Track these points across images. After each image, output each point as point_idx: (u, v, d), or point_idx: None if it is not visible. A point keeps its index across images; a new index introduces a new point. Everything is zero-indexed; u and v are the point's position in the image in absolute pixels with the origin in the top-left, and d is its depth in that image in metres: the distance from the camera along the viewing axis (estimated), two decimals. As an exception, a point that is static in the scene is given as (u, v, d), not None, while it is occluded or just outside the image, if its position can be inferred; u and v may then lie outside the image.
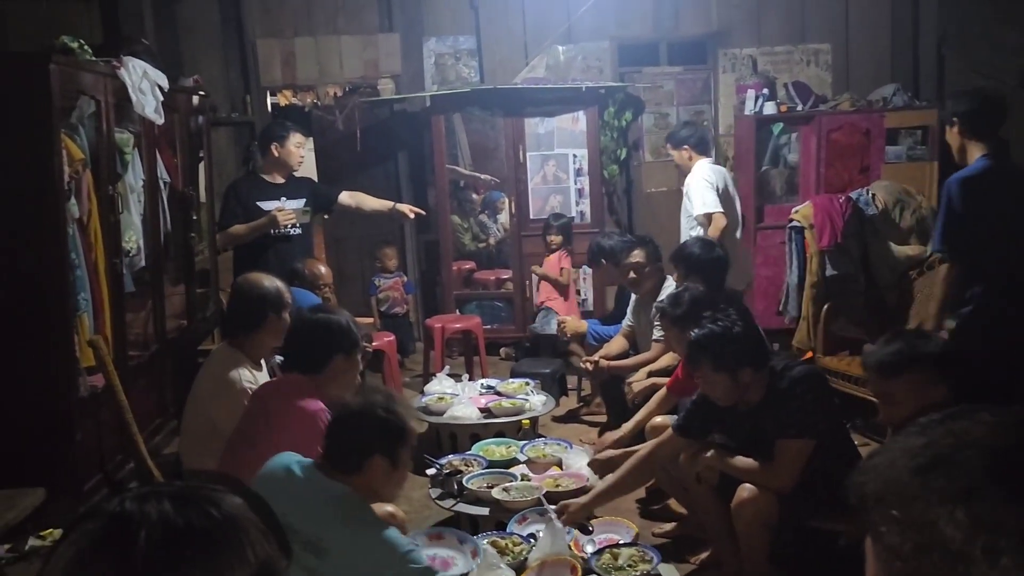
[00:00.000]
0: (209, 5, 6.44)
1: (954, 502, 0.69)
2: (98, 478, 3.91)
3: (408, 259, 6.89)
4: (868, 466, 0.78)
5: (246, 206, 4.60)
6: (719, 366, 2.73)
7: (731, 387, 2.76)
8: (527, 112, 6.24)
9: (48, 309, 3.59)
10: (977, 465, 0.70)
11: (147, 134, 4.52)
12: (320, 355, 2.74)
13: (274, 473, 2.23)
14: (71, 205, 3.66)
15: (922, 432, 0.76)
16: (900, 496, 0.72)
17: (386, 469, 2.16)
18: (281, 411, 2.67)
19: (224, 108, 6.47)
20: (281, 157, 4.66)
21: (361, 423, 2.17)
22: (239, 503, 0.86)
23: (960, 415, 0.76)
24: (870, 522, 0.76)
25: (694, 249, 4.05)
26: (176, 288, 5.11)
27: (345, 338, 2.78)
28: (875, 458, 0.78)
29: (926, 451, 0.73)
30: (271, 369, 3.35)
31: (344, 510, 2.12)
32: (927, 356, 2.35)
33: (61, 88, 3.54)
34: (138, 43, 4.89)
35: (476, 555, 2.80)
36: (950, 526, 0.68)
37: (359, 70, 6.60)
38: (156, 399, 4.64)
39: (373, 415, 2.17)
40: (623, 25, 6.57)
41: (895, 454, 0.76)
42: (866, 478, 0.77)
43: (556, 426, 4.80)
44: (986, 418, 0.74)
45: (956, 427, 0.74)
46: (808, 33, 6.59)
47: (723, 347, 2.72)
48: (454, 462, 3.60)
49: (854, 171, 6.01)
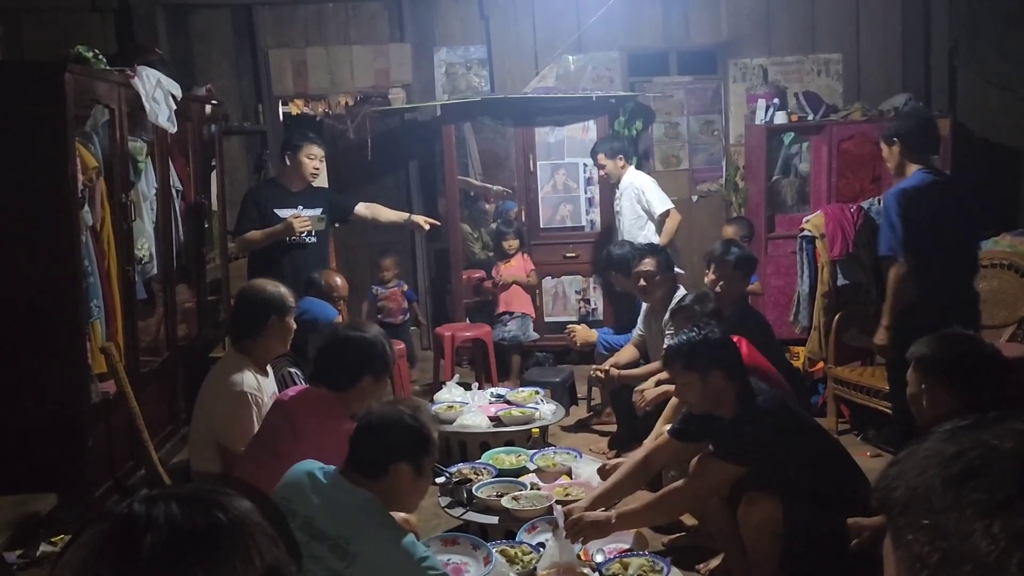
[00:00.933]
0: (222, 15, 6.49)
1: (990, 515, 0.68)
2: (109, 484, 3.92)
3: (418, 267, 6.91)
4: (895, 472, 0.77)
5: (264, 212, 4.60)
6: (690, 366, 2.78)
7: (703, 390, 2.78)
8: (537, 121, 6.26)
9: (61, 316, 3.62)
10: (1013, 477, 0.69)
11: (160, 142, 4.56)
12: (351, 373, 2.73)
13: (298, 479, 2.25)
14: (84, 212, 3.69)
15: (951, 439, 0.75)
16: (931, 505, 0.72)
17: (411, 477, 2.18)
18: (309, 425, 2.68)
19: (236, 117, 6.52)
20: (292, 166, 4.67)
21: (389, 430, 2.19)
22: (248, 506, 0.86)
23: (989, 423, 0.75)
24: (894, 527, 0.75)
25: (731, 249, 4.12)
26: (188, 295, 5.13)
27: (378, 359, 2.78)
28: (902, 464, 0.77)
29: (958, 460, 0.72)
30: (283, 377, 3.35)
31: (371, 516, 2.14)
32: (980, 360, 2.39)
33: (76, 97, 3.58)
34: (152, 52, 4.94)
35: (489, 561, 2.79)
36: (985, 539, 0.67)
37: (370, 80, 6.64)
38: (167, 406, 4.66)
39: (401, 422, 2.19)
40: (633, 35, 6.58)
41: (924, 461, 0.75)
42: (893, 484, 0.76)
43: (566, 435, 4.79)
44: (1016, 426, 0.74)
45: (987, 436, 0.74)
46: (818, 43, 6.59)
47: (695, 349, 2.79)
48: (464, 471, 3.59)
49: (865, 181, 5.99)
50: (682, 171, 6.78)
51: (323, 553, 2.10)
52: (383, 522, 2.15)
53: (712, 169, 6.79)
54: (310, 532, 2.13)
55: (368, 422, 2.24)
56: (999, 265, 4.69)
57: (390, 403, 2.35)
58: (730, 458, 2.75)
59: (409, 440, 2.19)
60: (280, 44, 6.56)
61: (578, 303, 6.34)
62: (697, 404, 2.84)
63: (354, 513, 2.14)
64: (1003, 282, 4.62)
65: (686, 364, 2.80)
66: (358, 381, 2.73)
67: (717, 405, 2.80)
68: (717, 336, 2.85)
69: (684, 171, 6.78)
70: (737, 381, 2.80)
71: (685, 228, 6.71)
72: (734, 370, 2.80)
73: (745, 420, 2.75)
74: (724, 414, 2.81)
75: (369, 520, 2.13)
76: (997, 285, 4.64)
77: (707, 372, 2.76)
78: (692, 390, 2.81)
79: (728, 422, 2.79)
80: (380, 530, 2.13)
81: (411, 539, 2.15)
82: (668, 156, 6.78)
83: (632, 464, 3.04)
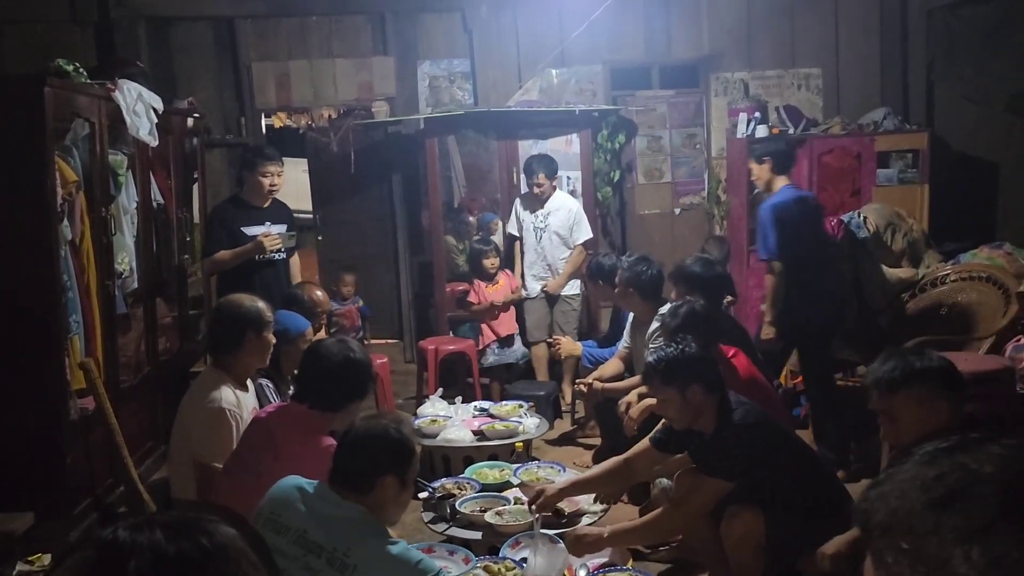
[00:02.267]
0: (203, 28, 6.47)
1: (970, 541, 0.68)
2: (88, 502, 3.87)
3: (401, 280, 6.89)
4: (876, 493, 0.77)
5: (231, 232, 4.55)
6: (668, 381, 2.80)
7: (682, 405, 2.80)
8: (521, 135, 6.27)
9: (39, 331, 3.57)
10: (992, 502, 0.70)
11: (141, 156, 4.53)
12: (346, 395, 2.72)
13: (287, 494, 2.24)
14: (64, 227, 3.66)
15: (932, 462, 0.75)
16: (912, 529, 0.72)
17: (396, 489, 2.20)
18: (292, 443, 2.65)
19: (219, 130, 6.49)
20: (251, 185, 4.65)
21: (374, 444, 2.20)
22: (232, 533, 0.86)
23: (969, 446, 0.76)
24: (875, 549, 0.75)
25: (695, 268, 4.09)
26: (169, 310, 5.09)
27: (365, 384, 2.80)
28: (883, 485, 0.78)
29: (939, 484, 0.73)
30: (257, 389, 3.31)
31: (364, 526, 2.16)
32: (925, 371, 2.35)
33: (55, 110, 3.55)
34: (133, 65, 4.92)
35: (468, 560, 2.82)
36: (965, 564, 0.68)
37: (353, 93, 6.64)
38: (147, 422, 4.61)
39: (386, 436, 2.21)
40: (615, 49, 6.63)
41: (905, 484, 0.75)
42: (874, 506, 0.76)
43: (550, 449, 4.78)
44: (996, 450, 0.74)
45: (967, 459, 0.74)
46: (798, 57, 6.66)
47: (673, 364, 2.82)
48: (447, 485, 3.57)
49: (846, 194, 6.06)
50: (665, 184, 6.83)
51: (321, 566, 2.11)
52: (377, 532, 2.17)
53: (695, 182, 6.83)
54: (305, 546, 2.14)
55: (354, 437, 2.25)
56: (977, 278, 4.73)
57: (373, 417, 2.34)
58: (718, 473, 2.76)
59: (394, 453, 2.20)
60: (263, 57, 6.55)
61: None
62: (677, 419, 2.85)
63: (347, 525, 2.15)
64: (981, 295, 4.66)
65: (664, 380, 2.82)
66: (351, 403, 2.72)
67: (697, 419, 2.82)
68: (694, 351, 2.87)
69: (667, 184, 6.82)
70: (716, 395, 2.81)
71: (668, 241, 6.77)
72: (712, 384, 2.81)
73: (727, 434, 2.76)
74: (704, 428, 2.82)
75: (363, 531, 2.15)
76: (976, 297, 4.68)
77: (685, 387, 2.78)
78: (671, 405, 2.83)
79: (710, 437, 2.80)
80: (375, 539, 2.14)
81: (404, 546, 2.17)
82: (651, 169, 6.82)
83: (614, 463, 3.08)
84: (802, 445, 3.09)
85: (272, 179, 4.62)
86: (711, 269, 4.11)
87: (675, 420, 2.86)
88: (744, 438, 2.75)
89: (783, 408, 3.82)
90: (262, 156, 4.68)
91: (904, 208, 5.53)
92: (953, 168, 6.24)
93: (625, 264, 4.50)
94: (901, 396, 2.34)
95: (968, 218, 6.22)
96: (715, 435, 2.79)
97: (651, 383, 2.90)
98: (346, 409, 2.72)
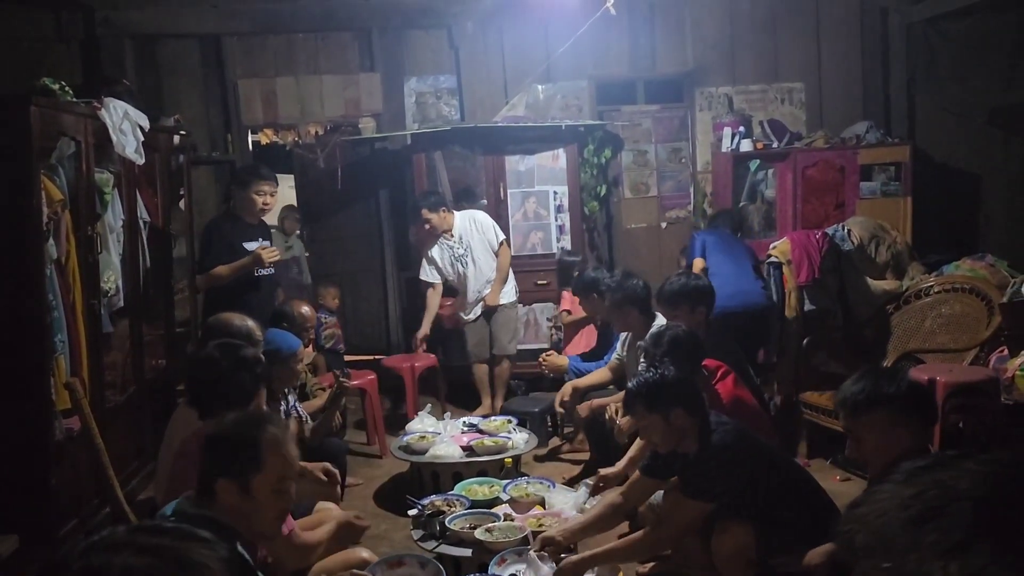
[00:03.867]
0: (190, 45, 6.48)
1: (947, 557, 0.69)
2: (73, 523, 3.83)
3: (388, 295, 6.89)
4: (856, 515, 0.78)
5: (232, 246, 4.57)
6: (652, 407, 2.82)
7: (666, 430, 2.83)
8: (507, 150, 6.30)
9: (24, 351, 3.54)
10: (968, 518, 0.71)
11: (127, 174, 4.52)
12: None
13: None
14: (49, 246, 3.64)
15: (909, 482, 0.76)
16: (892, 547, 0.73)
17: (237, 494, 2.00)
18: None
19: (205, 147, 6.48)
20: (242, 202, 4.67)
21: (210, 443, 2.07)
22: (207, 553, 0.86)
23: (945, 463, 0.77)
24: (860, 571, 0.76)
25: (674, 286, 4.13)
26: (155, 328, 5.06)
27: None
28: (863, 507, 0.79)
29: (916, 502, 0.74)
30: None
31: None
32: (891, 397, 2.35)
33: (41, 129, 3.54)
34: (119, 83, 4.91)
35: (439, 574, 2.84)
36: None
37: (340, 109, 6.65)
38: (134, 441, 4.57)
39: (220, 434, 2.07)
40: (601, 64, 6.68)
41: (884, 504, 0.76)
42: (855, 527, 0.77)
43: (538, 464, 4.78)
44: (971, 467, 0.75)
45: (943, 477, 0.75)
46: (781, 72, 6.73)
47: (655, 390, 2.84)
48: (436, 502, 3.56)
49: (830, 207, 6.11)
50: (651, 198, 6.87)
51: None
52: None
53: (680, 196, 6.88)
54: None
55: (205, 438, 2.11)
56: (960, 289, 4.77)
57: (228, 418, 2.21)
58: (698, 496, 2.80)
59: (227, 454, 2.02)
60: (249, 74, 6.55)
61: (550, 330, 6.35)
62: (662, 443, 2.88)
63: None
64: (965, 306, 4.70)
65: (648, 405, 2.84)
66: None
67: (681, 442, 2.85)
68: (674, 375, 2.91)
69: (653, 198, 6.87)
70: (698, 416, 2.84)
71: (654, 254, 6.81)
72: (694, 407, 2.84)
73: (706, 456, 2.79)
74: (688, 450, 2.85)
75: None
76: (959, 309, 4.72)
77: (668, 411, 2.80)
78: (655, 430, 2.85)
79: (691, 459, 2.82)
80: None
81: None
82: (637, 183, 6.86)
83: (611, 501, 3.09)
84: (787, 462, 3.11)
85: (265, 198, 4.65)
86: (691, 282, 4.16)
87: (660, 444, 2.89)
88: (723, 459, 2.78)
89: (770, 426, 3.83)
90: (257, 175, 4.70)
91: (887, 220, 5.58)
92: (935, 180, 6.31)
93: (612, 283, 4.52)
94: (864, 420, 2.35)
95: (950, 230, 6.29)
96: (696, 456, 2.81)
97: (634, 410, 2.92)
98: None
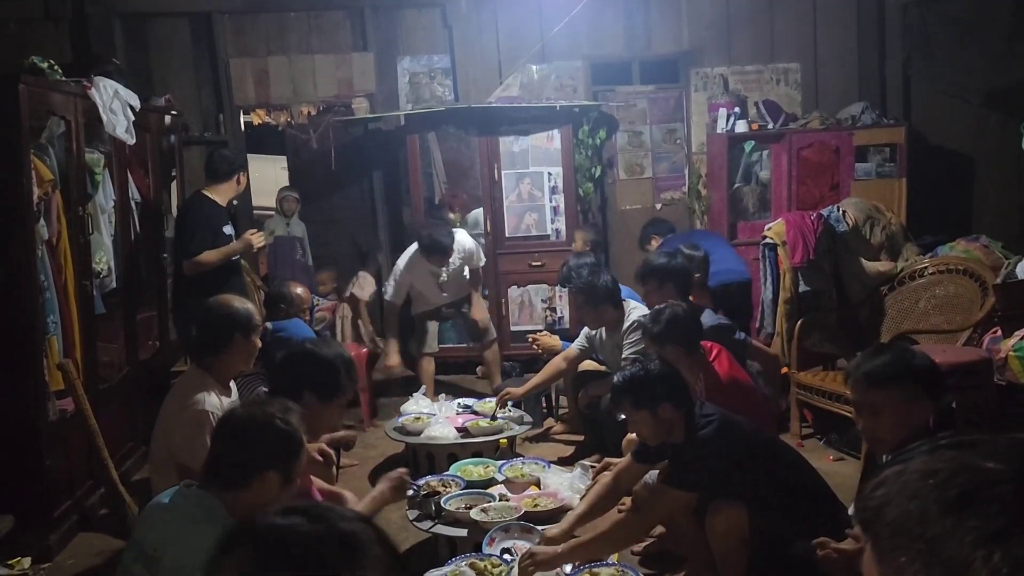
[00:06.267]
0: (180, 24, 6.40)
1: (990, 545, 0.67)
2: (67, 504, 3.83)
3: (383, 277, 6.86)
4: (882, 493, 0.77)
5: (215, 232, 4.53)
6: (638, 403, 2.83)
7: (654, 424, 2.84)
8: (502, 131, 6.26)
9: (16, 332, 3.53)
10: (1010, 504, 0.69)
11: (118, 154, 4.48)
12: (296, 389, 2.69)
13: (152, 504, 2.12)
14: (40, 227, 3.61)
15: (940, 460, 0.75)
16: (926, 531, 0.71)
17: (278, 485, 2.00)
18: None
19: (197, 127, 6.43)
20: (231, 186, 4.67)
21: (257, 434, 2.02)
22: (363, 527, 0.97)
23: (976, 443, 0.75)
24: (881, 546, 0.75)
25: (660, 259, 4.20)
26: (148, 309, 5.04)
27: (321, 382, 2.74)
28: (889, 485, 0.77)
29: (953, 485, 0.72)
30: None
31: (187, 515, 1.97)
32: (917, 370, 2.35)
33: (30, 108, 3.50)
34: (109, 63, 4.87)
35: None
36: (985, 569, 0.67)
37: (333, 89, 6.60)
38: (128, 423, 4.56)
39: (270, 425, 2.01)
40: (596, 44, 6.63)
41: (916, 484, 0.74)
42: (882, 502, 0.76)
43: (533, 445, 4.79)
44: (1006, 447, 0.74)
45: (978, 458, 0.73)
46: (777, 52, 6.70)
47: (640, 386, 2.84)
48: (432, 483, 3.57)
49: (825, 188, 6.10)
50: (646, 179, 6.85)
51: (140, 571, 1.96)
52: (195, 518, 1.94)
53: (675, 177, 6.86)
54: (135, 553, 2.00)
55: (233, 425, 2.06)
56: (954, 271, 4.78)
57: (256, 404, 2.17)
58: (682, 485, 2.82)
59: (279, 446, 2.01)
60: (241, 53, 6.49)
61: (544, 312, 6.35)
62: (651, 437, 2.89)
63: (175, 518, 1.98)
64: (959, 287, 4.71)
65: (635, 402, 2.85)
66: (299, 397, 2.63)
67: (669, 434, 2.86)
68: (658, 368, 2.90)
69: (648, 179, 6.84)
70: (684, 408, 2.85)
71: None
72: (680, 399, 2.85)
73: (690, 448, 2.81)
74: (676, 440, 2.87)
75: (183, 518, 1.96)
76: (953, 290, 4.73)
77: (655, 406, 2.81)
78: (644, 425, 2.86)
79: (678, 449, 2.85)
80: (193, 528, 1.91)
81: None
82: (632, 164, 6.83)
83: (604, 487, 3.10)
84: (780, 446, 3.12)
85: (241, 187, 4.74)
86: (675, 258, 4.22)
87: (649, 438, 2.90)
88: (706, 452, 2.79)
89: (765, 407, 3.84)
90: (243, 164, 4.72)
91: (882, 202, 5.57)
92: (930, 162, 6.30)
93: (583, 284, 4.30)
94: (889, 392, 2.33)
95: (945, 211, 6.29)
96: (682, 447, 2.84)
97: (621, 406, 2.93)
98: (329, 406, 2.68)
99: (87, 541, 3.81)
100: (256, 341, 3.06)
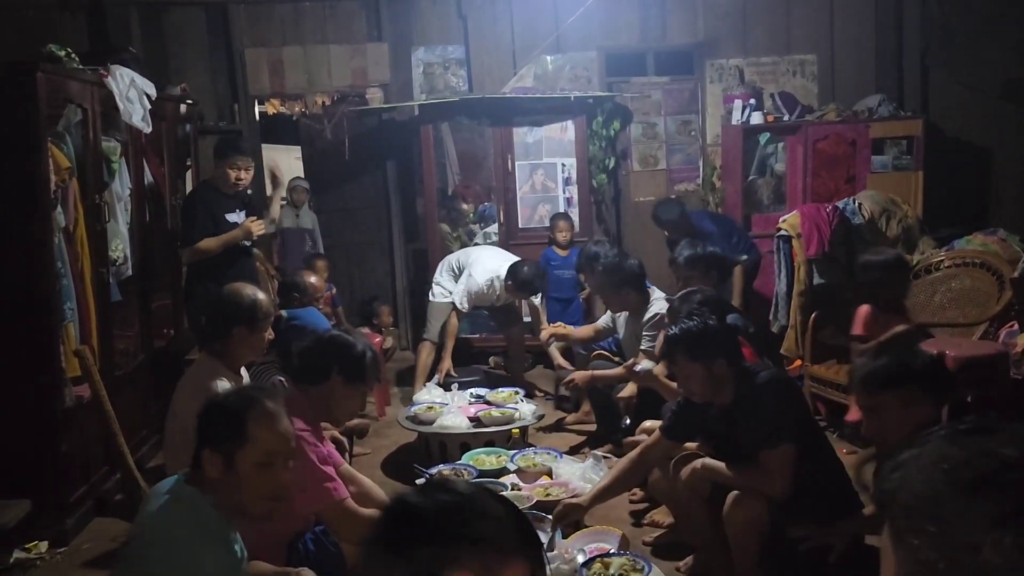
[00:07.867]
0: (196, 14, 6.42)
1: (1001, 529, 0.68)
2: (83, 490, 3.87)
3: (396, 268, 6.88)
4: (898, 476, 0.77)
5: (216, 219, 4.50)
6: (695, 356, 2.79)
7: (706, 379, 2.79)
8: (515, 121, 6.25)
9: (34, 319, 3.56)
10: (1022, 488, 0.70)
11: (134, 142, 4.51)
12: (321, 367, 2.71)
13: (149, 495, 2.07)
14: (57, 214, 3.64)
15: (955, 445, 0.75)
16: (939, 513, 0.72)
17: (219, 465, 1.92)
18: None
19: (211, 116, 6.45)
20: (220, 173, 4.58)
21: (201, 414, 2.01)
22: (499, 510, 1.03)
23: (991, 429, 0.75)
24: (897, 529, 0.75)
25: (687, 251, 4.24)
26: (163, 297, 5.07)
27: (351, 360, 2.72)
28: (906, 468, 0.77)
29: (967, 469, 0.72)
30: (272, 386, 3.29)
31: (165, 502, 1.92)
32: (916, 373, 2.34)
33: (48, 96, 3.52)
34: (125, 51, 4.88)
35: None
36: (995, 552, 0.68)
37: (347, 79, 6.60)
38: (142, 409, 4.60)
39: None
40: (611, 35, 6.60)
41: (930, 468, 0.74)
42: (896, 486, 0.76)
43: (545, 435, 4.79)
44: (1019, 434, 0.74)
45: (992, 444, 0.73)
46: (793, 44, 6.65)
47: (698, 338, 2.80)
48: (444, 472, 3.58)
49: (840, 180, 6.06)
50: (660, 171, 6.82)
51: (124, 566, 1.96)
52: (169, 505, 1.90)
53: (689, 169, 6.83)
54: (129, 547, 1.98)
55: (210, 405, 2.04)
56: (971, 264, 4.74)
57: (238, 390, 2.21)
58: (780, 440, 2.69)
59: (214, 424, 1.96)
60: (256, 43, 6.50)
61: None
62: (699, 392, 2.84)
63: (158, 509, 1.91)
64: (975, 281, 4.68)
65: (691, 354, 2.79)
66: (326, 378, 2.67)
67: (718, 392, 2.81)
68: (716, 324, 2.87)
69: (662, 171, 6.82)
70: (736, 367, 2.81)
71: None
72: (734, 356, 2.82)
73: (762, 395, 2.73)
74: (723, 400, 2.82)
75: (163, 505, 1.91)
76: (970, 284, 4.69)
77: (712, 360, 2.77)
78: (695, 379, 2.81)
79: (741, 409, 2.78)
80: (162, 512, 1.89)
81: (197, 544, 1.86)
82: (646, 156, 6.81)
83: (629, 461, 3.05)
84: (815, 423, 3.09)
85: (239, 173, 4.53)
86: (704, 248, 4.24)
87: (696, 393, 2.85)
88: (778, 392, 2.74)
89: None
90: (236, 150, 4.59)
91: (899, 194, 5.53)
92: (947, 154, 6.25)
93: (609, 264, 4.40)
94: (888, 395, 2.33)
95: (962, 204, 6.24)
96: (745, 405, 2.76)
97: (675, 357, 2.86)
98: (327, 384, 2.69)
99: (103, 526, 3.85)
100: (263, 333, 3.03)
